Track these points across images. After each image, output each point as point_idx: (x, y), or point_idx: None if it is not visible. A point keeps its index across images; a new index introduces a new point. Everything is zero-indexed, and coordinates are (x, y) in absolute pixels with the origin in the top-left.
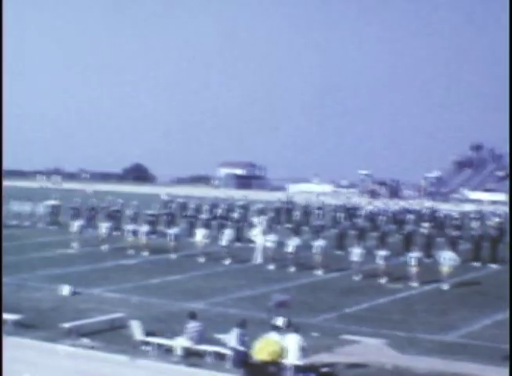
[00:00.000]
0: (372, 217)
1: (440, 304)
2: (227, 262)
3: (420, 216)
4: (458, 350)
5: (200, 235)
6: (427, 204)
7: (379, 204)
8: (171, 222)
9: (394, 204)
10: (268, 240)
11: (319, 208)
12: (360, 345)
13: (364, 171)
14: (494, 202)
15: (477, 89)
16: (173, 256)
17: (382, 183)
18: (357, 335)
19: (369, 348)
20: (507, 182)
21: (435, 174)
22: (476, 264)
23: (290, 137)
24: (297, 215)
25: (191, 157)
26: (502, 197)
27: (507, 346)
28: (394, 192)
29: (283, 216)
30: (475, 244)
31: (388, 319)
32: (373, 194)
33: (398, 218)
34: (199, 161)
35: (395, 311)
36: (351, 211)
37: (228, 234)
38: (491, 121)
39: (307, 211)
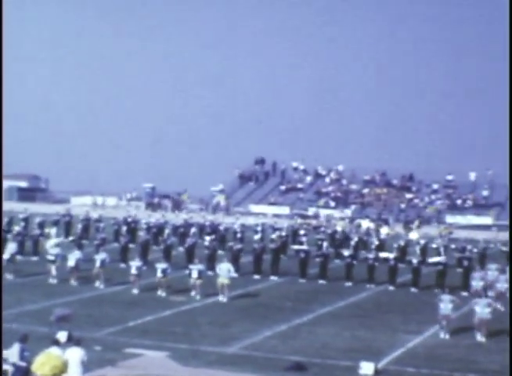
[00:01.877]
0: (154, 230)
1: (222, 316)
2: (9, 276)
3: (202, 229)
4: (240, 361)
5: None
6: (210, 217)
7: (161, 217)
8: None
9: (177, 217)
10: (50, 254)
11: (100, 221)
12: (143, 358)
13: (149, 185)
14: (277, 215)
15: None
16: None
17: (166, 196)
18: (140, 348)
19: (152, 361)
20: (290, 196)
21: (220, 187)
22: (257, 276)
23: (73, 149)
24: (78, 228)
25: None
26: (286, 210)
27: (287, 357)
28: (178, 205)
29: (62, 229)
30: (256, 257)
31: (171, 331)
32: (157, 207)
33: (180, 231)
34: None
35: (178, 324)
36: (132, 225)
37: (10, 248)
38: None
39: (88, 224)
